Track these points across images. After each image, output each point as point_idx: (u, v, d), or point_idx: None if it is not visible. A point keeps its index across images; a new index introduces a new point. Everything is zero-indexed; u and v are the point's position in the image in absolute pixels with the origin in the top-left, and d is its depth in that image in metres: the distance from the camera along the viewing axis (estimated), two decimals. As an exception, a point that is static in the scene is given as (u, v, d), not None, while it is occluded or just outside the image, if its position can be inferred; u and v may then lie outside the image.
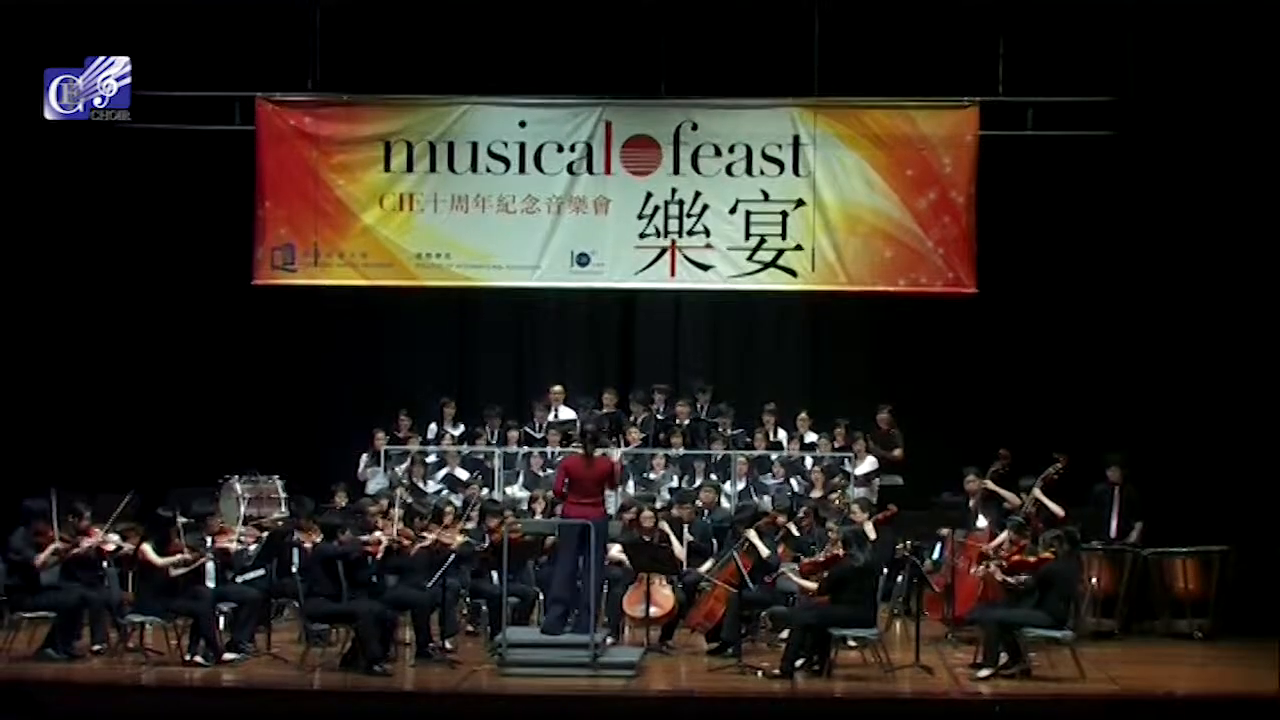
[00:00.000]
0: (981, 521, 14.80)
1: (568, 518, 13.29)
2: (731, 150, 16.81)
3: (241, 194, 16.90)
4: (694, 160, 16.84)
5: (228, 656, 13.11)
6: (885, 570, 13.87)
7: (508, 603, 13.46)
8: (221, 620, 13.42)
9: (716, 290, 17.18)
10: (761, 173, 16.81)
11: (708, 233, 16.84)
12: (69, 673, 12.82)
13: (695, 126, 16.83)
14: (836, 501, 15.08)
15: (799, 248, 16.79)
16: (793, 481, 16.07)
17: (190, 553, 13.13)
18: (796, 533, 14.12)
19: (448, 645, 13.63)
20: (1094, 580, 14.41)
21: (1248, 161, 15.73)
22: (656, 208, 16.87)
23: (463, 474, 16.36)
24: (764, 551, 13.70)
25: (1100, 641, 14.45)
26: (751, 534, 13.76)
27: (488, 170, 16.91)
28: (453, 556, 13.46)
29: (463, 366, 18.24)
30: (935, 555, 14.97)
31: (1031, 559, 13.15)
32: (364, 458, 16.70)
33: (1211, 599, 15.00)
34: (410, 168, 16.94)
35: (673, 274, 16.91)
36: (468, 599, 14.45)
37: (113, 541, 13.39)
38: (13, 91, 16.07)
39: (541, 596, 13.95)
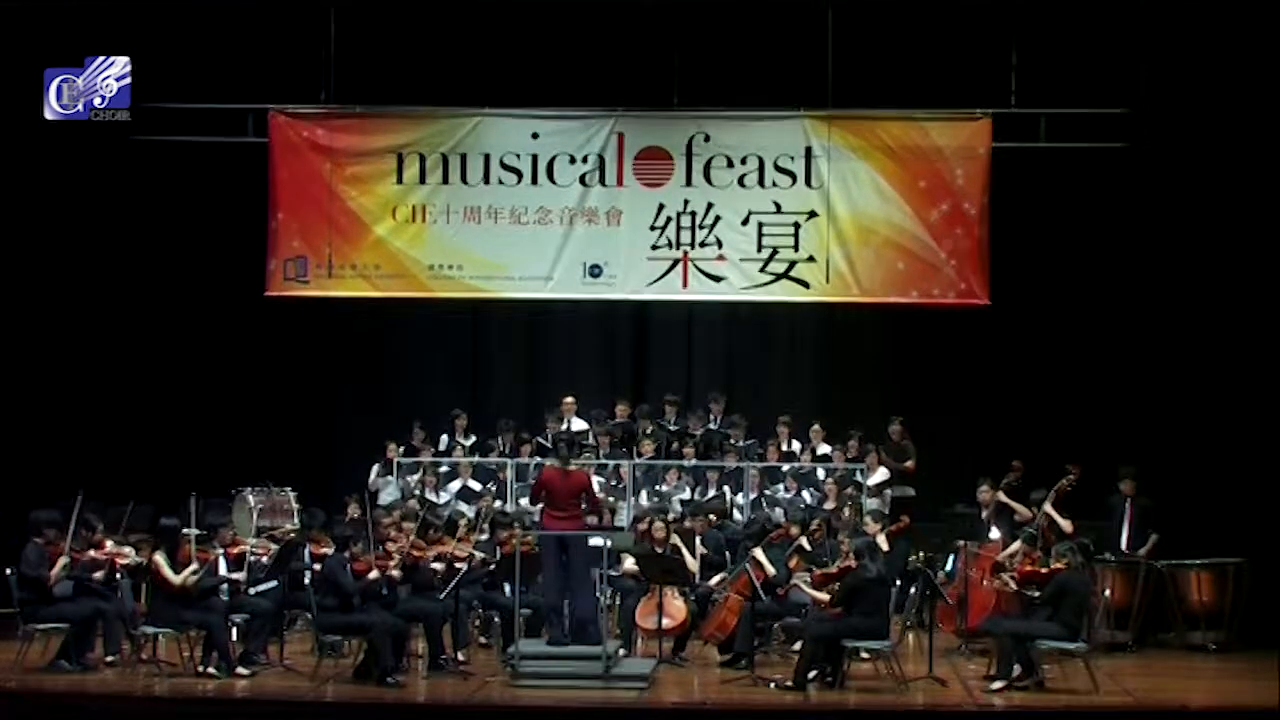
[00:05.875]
0: (995, 533, 14.78)
1: (546, 530, 13.28)
2: (744, 161, 16.84)
3: (255, 206, 16.94)
4: (706, 171, 16.86)
5: (240, 669, 13.10)
6: (898, 582, 13.85)
7: (520, 614, 13.45)
8: (234, 632, 13.43)
9: (729, 301, 17.20)
10: (774, 184, 16.83)
11: (720, 244, 16.87)
12: (82, 684, 12.82)
13: (707, 138, 16.86)
14: (849, 513, 15.05)
15: (811, 259, 16.80)
16: (805, 493, 16.05)
17: (199, 557, 13.14)
18: (808, 545, 14.10)
19: (460, 657, 13.62)
20: (1108, 593, 14.37)
21: (1261, 173, 15.69)
22: (669, 219, 16.90)
23: (476, 485, 16.37)
24: (770, 570, 13.69)
25: (1114, 654, 14.41)
26: (758, 552, 13.76)
27: (500, 182, 16.96)
28: (465, 568, 13.46)
29: (475, 378, 18.25)
30: (948, 567, 14.95)
31: (1044, 570, 13.13)
32: (375, 468, 16.71)
33: (1226, 611, 14.95)
34: (423, 179, 16.98)
35: (685, 285, 16.93)
36: (480, 610, 14.45)
37: (128, 554, 13.39)
38: (13, 91, 16.08)
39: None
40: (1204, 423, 16.08)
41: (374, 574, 13.01)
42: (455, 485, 16.50)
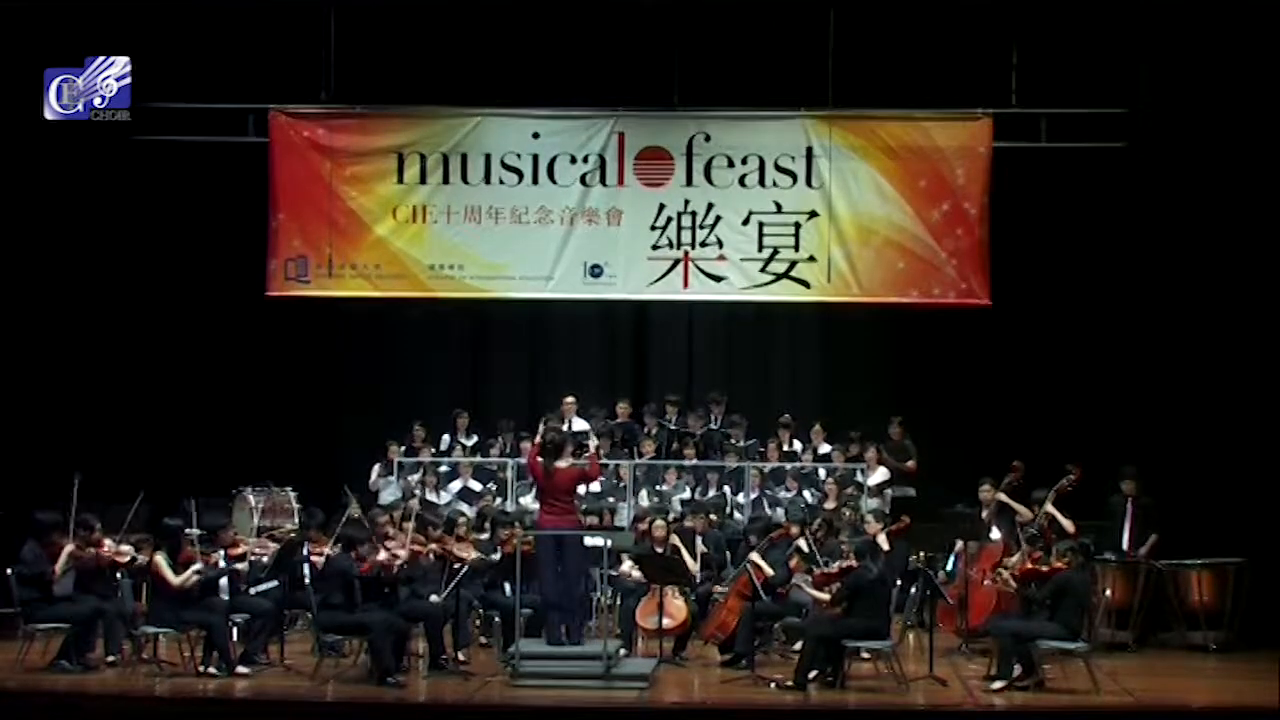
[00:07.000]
0: (995, 533, 14.78)
1: (541, 527, 13.30)
2: (744, 161, 16.84)
3: (255, 205, 16.94)
4: (707, 171, 16.86)
5: (241, 669, 13.10)
6: (899, 582, 13.86)
7: (520, 614, 13.45)
8: (235, 632, 13.43)
9: (730, 301, 17.20)
10: (774, 184, 16.84)
11: (721, 244, 16.88)
12: (83, 684, 12.81)
13: (708, 138, 16.86)
14: (849, 513, 15.05)
15: (812, 259, 16.81)
16: (805, 493, 16.05)
17: (202, 559, 13.14)
18: (808, 545, 14.10)
19: (461, 656, 13.62)
20: (1108, 592, 14.37)
21: (1260, 173, 15.69)
22: (669, 219, 16.91)
23: (476, 485, 16.38)
24: (768, 571, 13.70)
25: (1115, 654, 14.40)
26: (755, 556, 13.76)
27: (501, 182, 16.96)
28: (465, 568, 13.46)
29: (476, 378, 18.26)
30: (949, 566, 14.95)
31: (1045, 568, 13.13)
32: (376, 468, 16.71)
33: (1226, 611, 14.94)
34: (423, 179, 16.99)
35: (685, 285, 16.94)
36: (480, 610, 14.44)
37: (127, 553, 13.39)
38: (13, 91, 16.06)
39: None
40: (1204, 423, 16.07)
41: (383, 554, 12.95)
42: (455, 485, 16.52)
